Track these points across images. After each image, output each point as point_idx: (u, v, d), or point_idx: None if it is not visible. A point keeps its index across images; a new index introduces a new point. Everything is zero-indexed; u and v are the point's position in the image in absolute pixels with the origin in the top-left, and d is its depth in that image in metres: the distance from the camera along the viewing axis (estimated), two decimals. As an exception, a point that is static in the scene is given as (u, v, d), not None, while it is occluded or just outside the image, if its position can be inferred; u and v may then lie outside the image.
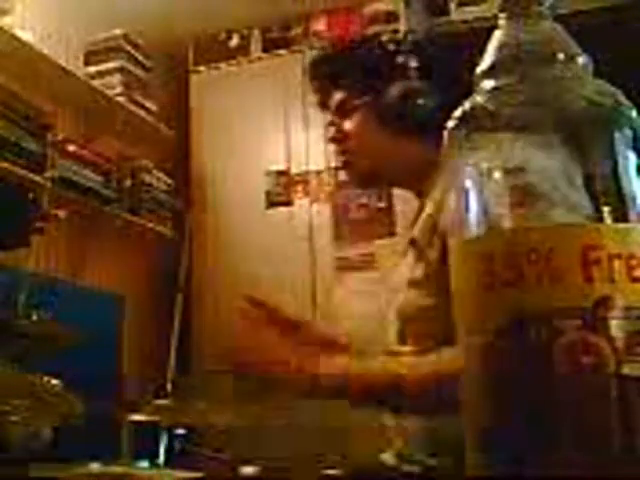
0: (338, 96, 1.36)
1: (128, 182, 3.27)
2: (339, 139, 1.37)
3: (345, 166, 1.39)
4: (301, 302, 3.33)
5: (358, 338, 1.28)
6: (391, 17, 3.54)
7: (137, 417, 1.81)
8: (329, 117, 1.40)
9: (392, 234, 3.27)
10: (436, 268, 1.14)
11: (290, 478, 1.13)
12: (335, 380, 1.07)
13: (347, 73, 1.35)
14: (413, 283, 1.20)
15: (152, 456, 1.87)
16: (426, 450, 1.15)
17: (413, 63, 1.27)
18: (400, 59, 1.29)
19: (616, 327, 0.37)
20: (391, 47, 1.32)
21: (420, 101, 1.25)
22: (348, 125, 1.34)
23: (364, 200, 3.37)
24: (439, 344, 1.00)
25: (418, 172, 1.30)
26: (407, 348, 1.20)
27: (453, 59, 1.31)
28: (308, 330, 1.25)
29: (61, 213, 2.58)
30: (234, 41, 3.81)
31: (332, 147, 1.42)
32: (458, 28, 3.30)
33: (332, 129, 1.38)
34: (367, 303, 3.18)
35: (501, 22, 0.46)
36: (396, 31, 1.44)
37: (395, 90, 1.27)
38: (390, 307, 1.29)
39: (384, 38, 1.36)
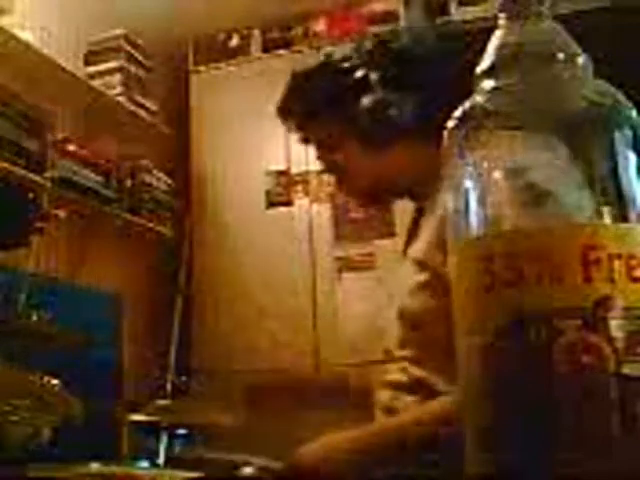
0: (319, 134, 1.34)
1: (128, 182, 3.26)
2: (334, 171, 1.36)
3: (348, 193, 1.38)
4: (301, 302, 3.33)
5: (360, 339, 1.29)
6: (390, 17, 3.54)
7: (137, 417, 1.82)
8: (314, 150, 1.38)
9: (392, 234, 3.26)
10: (440, 272, 1.12)
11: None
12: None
13: (317, 110, 1.32)
14: (420, 286, 1.19)
15: (152, 456, 1.87)
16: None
17: (373, 75, 1.25)
18: (359, 74, 1.26)
19: (616, 327, 0.37)
20: (346, 65, 1.28)
21: (390, 109, 1.23)
22: (339, 158, 1.32)
23: (364, 200, 3.37)
24: (443, 349, 1.00)
25: (421, 176, 1.28)
26: (408, 353, 1.19)
27: (421, 60, 1.28)
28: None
29: (61, 213, 2.58)
30: (234, 41, 3.81)
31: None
32: (458, 28, 3.30)
33: (322, 162, 1.37)
34: (367, 303, 3.18)
35: (501, 22, 0.46)
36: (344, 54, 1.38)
37: (363, 106, 1.24)
38: (390, 309, 1.28)
39: (337, 56, 1.31)
